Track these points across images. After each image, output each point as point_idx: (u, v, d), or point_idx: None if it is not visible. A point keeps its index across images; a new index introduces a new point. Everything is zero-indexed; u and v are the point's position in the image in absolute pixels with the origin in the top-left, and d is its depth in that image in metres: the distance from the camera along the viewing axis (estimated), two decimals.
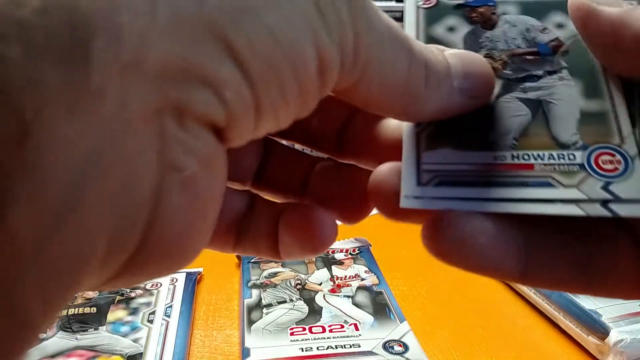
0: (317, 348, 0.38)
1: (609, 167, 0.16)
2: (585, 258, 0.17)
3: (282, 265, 0.49)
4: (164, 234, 0.13)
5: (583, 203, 0.15)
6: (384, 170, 0.17)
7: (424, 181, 0.16)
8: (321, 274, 0.48)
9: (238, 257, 0.53)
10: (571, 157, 0.16)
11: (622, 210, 0.15)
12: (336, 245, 0.54)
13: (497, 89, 0.18)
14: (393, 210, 0.17)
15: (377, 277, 0.47)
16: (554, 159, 0.16)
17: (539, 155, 0.16)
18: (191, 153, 0.12)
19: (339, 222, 0.19)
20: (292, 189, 0.20)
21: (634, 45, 0.15)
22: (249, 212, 0.19)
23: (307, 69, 0.13)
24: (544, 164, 0.16)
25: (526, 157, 0.16)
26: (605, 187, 0.15)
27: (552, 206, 0.16)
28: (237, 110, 0.13)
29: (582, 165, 0.16)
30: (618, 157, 0.16)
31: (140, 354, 0.37)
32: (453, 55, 0.17)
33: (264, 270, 0.49)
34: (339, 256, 0.51)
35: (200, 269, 0.51)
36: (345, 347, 0.38)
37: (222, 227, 0.19)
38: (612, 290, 0.17)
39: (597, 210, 0.15)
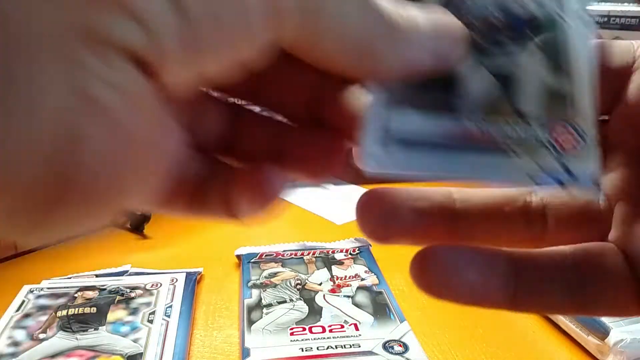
0: (317, 348, 0.38)
1: (567, 144, 0.16)
2: (574, 280, 0.17)
3: (282, 265, 0.49)
4: (79, 174, 0.12)
5: (538, 175, 0.16)
6: (371, 193, 0.17)
7: (387, 143, 0.17)
8: (321, 274, 0.48)
9: (238, 257, 0.53)
10: (532, 131, 0.17)
11: (574, 188, 0.16)
12: (336, 245, 0.54)
13: (466, 57, 0.18)
14: (380, 235, 0.18)
15: (377, 277, 0.47)
16: (515, 131, 0.17)
17: (501, 127, 0.17)
18: (108, 84, 0.11)
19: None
20: (260, 155, 0.19)
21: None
22: (207, 175, 0.18)
23: (251, 5, 0.13)
24: (506, 136, 0.17)
25: (489, 127, 0.17)
26: (560, 162, 0.16)
27: (509, 174, 0.16)
28: (163, 42, 0.12)
29: (541, 141, 0.16)
30: (576, 135, 0.16)
31: (140, 354, 0.37)
32: (425, 14, 0.16)
33: (264, 270, 0.49)
34: (339, 256, 0.51)
35: (200, 269, 0.51)
36: (345, 347, 0.38)
37: (174, 188, 0.18)
38: (605, 310, 0.17)
39: (549, 183, 0.16)
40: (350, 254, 0.52)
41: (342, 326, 0.40)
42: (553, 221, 0.19)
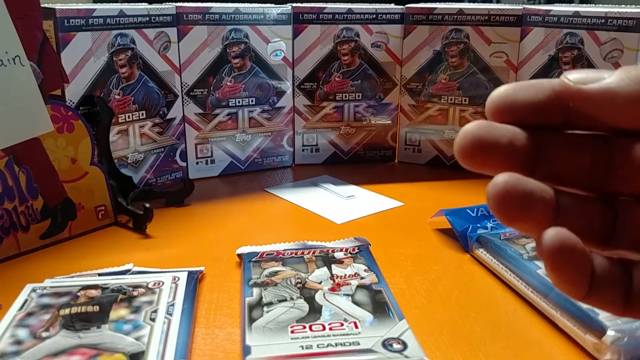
0: (317, 346, 0.38)
1: None
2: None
3: (283, 264, 0.50)
4: None
5: None
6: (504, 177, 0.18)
7: None
8: (321, 273, 0.48)
9: (239, 256, 0.53)
10: None
11: None
12: (336, 244, 0.55)
13: None
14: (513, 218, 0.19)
15: (376, 276, 0.48)
16: None
17: None
18: None
19: None
20: None
21: (627, 106, 0.19)
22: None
23: None
24: None
25: None
26: None
27: None
28: None
29: None
30: None
31: (143, 352, 0.38)
32: None
33: (264, 269, 0.49)
34: (338, 255, 0.52)
35: (202, 268, 0.51)
36: (345, 345, 0.38)
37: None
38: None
39: None
40: (350, 253, 0.52)
41: (342, 324, 0.40)
42: None
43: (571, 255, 0.18)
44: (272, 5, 0.78)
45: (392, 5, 0.82)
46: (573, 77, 0.19)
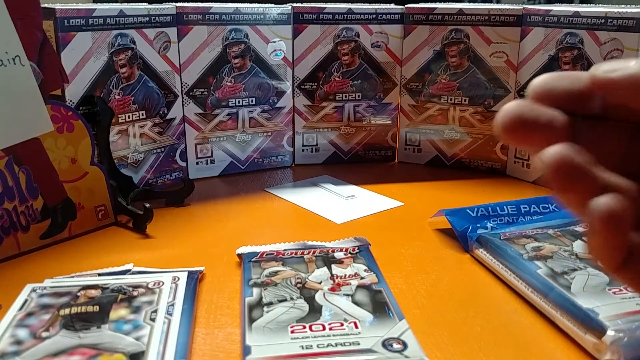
0: (317, 346, 0.38)
1: None
2: None
3: (283, 264, 0.50)
4: None
5: None
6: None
7: None
8: (321, 273, 0.48)
9: (239, 256, 0.54)
10: None
11: None
12: (336, 244, 0.55)
13: None
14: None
15: (376, 276, 0.48)
16: None
17: None
18: None
19: None
20: None
21: None
22: None
23: None
24: None
25: None
26: None
27: None
28: None
29: None
30: None
31: (143, 352, 0.38)
32: None
33: (264, 269, 0.49)
34: (338, 255, 0.52)
35: (202, 268, 0.51)
36: (345, 345, 0.38)
37: None
38: None
39: None
40: (350, 253, 0.52)
41: (342, 324, 0.40)
42: None
43: (617, 220, 0.19)
44: (272, 5, 0.78)
45: (392, 5, 0.82)
46: (602, 68, 0.20)
